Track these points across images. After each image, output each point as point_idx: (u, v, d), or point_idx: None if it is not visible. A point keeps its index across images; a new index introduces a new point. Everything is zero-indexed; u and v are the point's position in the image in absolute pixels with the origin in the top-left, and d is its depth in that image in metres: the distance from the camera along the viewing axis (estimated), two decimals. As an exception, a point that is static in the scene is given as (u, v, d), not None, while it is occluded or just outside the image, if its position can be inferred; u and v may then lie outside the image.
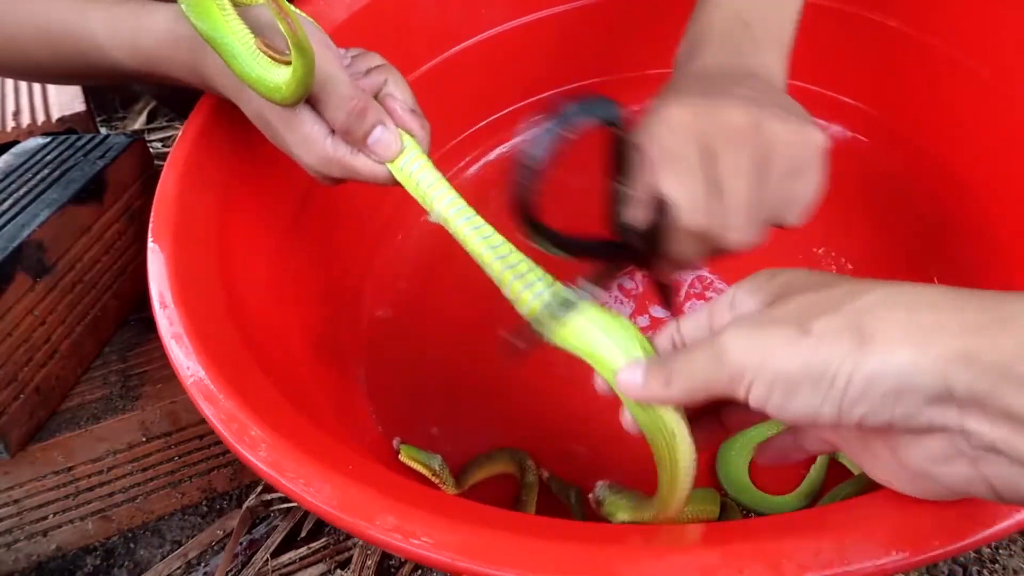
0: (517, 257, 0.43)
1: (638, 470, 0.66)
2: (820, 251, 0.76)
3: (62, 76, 0.58)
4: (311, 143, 0.48)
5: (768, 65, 0.48)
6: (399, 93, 0.49)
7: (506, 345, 0.43)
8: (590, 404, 0.70)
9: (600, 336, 0.39)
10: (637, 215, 0.44)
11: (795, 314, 0.29)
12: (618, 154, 0.37)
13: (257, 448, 0.39)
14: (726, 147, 0.41)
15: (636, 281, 0.77)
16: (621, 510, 0.47)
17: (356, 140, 0.48)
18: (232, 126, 0.57)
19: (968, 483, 0.28)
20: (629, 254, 0.44)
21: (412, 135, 0.48)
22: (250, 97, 0.48)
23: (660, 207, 0.43)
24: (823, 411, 0.28)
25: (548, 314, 0.40)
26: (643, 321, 0.75)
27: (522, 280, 0.42)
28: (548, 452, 0.66)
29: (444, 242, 0.54)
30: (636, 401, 0.37)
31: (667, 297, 0.52)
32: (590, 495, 0.48)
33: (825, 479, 0.62)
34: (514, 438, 0.67)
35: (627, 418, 0.39)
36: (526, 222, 0.37)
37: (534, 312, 0.41)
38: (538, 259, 0.43)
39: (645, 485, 0.63)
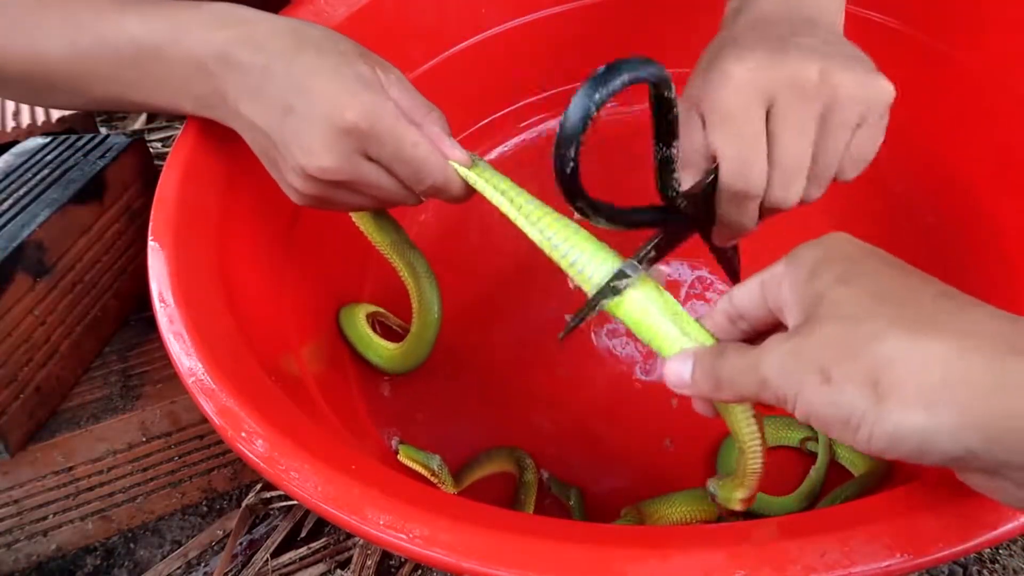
0: (569, 232, 0.42)
1: (638, 470, 0.66)
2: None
3: (71, 80, 0.52)
4: (365, 82, 0.45)
5: (826, 10, 0.46)
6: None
7: (566, 325, 0.43)
8: (590, 404, 0.71)
9: (656, 315, 0.38)
10: (685, 178, 0.42)
11: (819, 353, 0.29)
12: (660, 115, 0.36)
13: (255, 445, 0.39)
14: (791, 103, 0.40)
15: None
16: (733, 491, 0.47)
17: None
18: (232, 126, 0.57)
19: None
20: (683, 221, 0.43)
21: None
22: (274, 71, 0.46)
23: (711, 169, 0.42)
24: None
25: (607, 288, 0.40)
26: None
27: (577, 250, 0.41)
28: (547, 452, 0.66)
29: (443, 237, 0.54)
30: (684, 394, 0.37)
31: (731, 270, 0.51)
32: (710, 492, 0.47)
33: (825, 480, 0.62)
34: (513, 438, 0.67)
35: (698, 403, 0.39)
36: (572, 194, 0.37)
37: (590, 286, 0.41)
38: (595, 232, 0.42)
39: (645, 484, 0.63)
